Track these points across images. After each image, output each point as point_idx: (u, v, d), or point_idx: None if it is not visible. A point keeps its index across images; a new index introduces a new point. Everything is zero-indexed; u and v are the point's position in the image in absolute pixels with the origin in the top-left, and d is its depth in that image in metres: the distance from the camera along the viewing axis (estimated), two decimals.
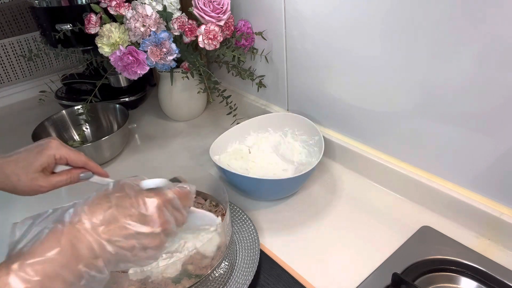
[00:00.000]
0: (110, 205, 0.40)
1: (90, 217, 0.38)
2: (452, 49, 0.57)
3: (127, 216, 0.40)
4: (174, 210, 0.44)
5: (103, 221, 0.39)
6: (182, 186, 0.46)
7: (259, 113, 0.91)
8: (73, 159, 0.54)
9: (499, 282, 0.56)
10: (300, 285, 0.59)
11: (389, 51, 0.65)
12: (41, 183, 0.52)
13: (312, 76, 0.83)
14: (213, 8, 0.83)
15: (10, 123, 1.15)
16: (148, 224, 0.41)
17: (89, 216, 0.39)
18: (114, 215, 0.39)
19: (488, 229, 0.63)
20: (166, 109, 1.07)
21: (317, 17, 0.75)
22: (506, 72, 0.53)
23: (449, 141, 0.64)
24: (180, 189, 0.46)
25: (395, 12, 0.62)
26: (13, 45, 1.20)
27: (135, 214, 0.40)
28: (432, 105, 0.63)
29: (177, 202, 0.44)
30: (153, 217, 0.41)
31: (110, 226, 0.39)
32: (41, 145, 0.53)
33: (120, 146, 0.94)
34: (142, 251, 0.40)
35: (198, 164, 0.90)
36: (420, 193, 0.71)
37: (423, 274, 0.58)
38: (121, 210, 0.40)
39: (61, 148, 0.54)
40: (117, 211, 0.40)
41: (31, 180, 0.51)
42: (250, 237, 0.65)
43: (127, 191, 0.42)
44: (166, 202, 0.43)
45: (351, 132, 0.81)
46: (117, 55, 0.81)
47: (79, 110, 0.97)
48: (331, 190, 0.78)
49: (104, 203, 0.40)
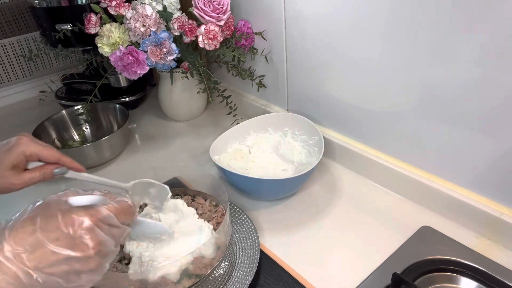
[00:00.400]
0: (34, 229, 0.35)
1: (12, 244, 0.34)
2: (452, 49, 0.57)
3: (53, 240, 0.35)
4: (112, 227, 0.39)
5: (27, 247, 0.34)
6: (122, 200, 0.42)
7: (259, 113, 0.91)
8: (45, 155, 0.52)
9: (499, 282, 0.56)
10: (300, 285, 0.59)
11: (389, 51, 0.65)
12: (12, 180, 0.50)
13: (312, 76, 0.83)
14: (213, 8, 0.83)
15: (10, 123, 1.15)
16: (78, 248, 0.36)
17: (10, 243, 0.34)
18: (39, 240, 0.35)
19: (488, 229, 0.63)
20: (166, 109, 1.07)
21: (317, 17, 0.75)
22: (506, 72, 0.53)
23: (449, 141, 0.64)
24: (118, 204, 0.41)
25: (395, 12, 0.62)
26: (13, 45, 1.20)
27: (63, 237, 0.36)
28: (432, 105, 0.63)
29: (113, 220, 0.40)
30: (83, 240, 0.36)
31: (35, 253, 0.34)
32: (10, 142, 0.51)
33: (120, 146, 0.94)
34: (75, 276, 0.36)
35: (198, 164, 0.90)
36: (420, 193, 0.71)
37: (423, 274, 0.58)
38: (46, 233, 0.35)
39: (31, 145, 0.51)
40: (43, 235, 0.35)
41: (2, 178, 0.49)
42: (250, 237, 0.65)
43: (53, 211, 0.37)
44: (99, 221, 0.38)
45: (351, 132, 0.81)
46: (117, 55, 0.81)
47: (79, 110, 0.97)
48: (331, 190, 0.78)
49: (28, 226, 0.36)
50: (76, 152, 0.87)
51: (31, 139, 0.52)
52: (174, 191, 0.70)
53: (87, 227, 0.37)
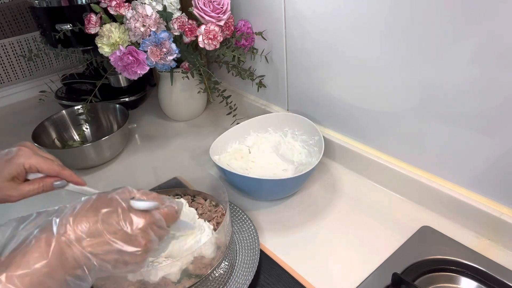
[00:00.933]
0: (96, 219, 0.40)
1: (75, 229, 0.39)
2: (452, 49, 0.57)
3: (112, 233, 0.40)
4: (159, 229, 0.44)
5: (88, 234, 0.39)
6: (171, 206, 0.46)
7: (259, 113, 0.91)
8: (44, 168, 0.52)
9: (499, 282, 0.56)
10: (300, 285, 0.59)
11: (389, 51, 0.65)
12: (10, 192, 0.51)
13: (312, 76, 0.83)
14: (213, 8, 0.83)
15: (10, 123, 1.15)
16: (131, 244, 0.41)
17: (74, 228, 0.39)
18: (99, 230, 0.39)
19: (488, 229, 0.63)
20: (166, 109, 1.07)
21: (317, 17, 0.75)
22: (506, 72, 0.53)
23: (449, 141, 0.64)
24: (168, 209, 0.45)
25: (395, 12, 0.62)
26: (13, 45, 1.20)
27: (120, 232, 0.40)
28: (432, 105, 0.63)
29: (163, 223, 0.44)
30: (137, 238, 0.41)
31: (94, 240, 0.39)
32: (11, 152, 0.52)
33: (120, 146, 0.94)
34: (123, 265, 0.41)
35: (198, 164, 0.90)
36: (420, 193, 0.71)
37: (423, 274, 0.58)
38: (106, 226, 0.40)
39: (32, 157, 0.52)
40: (103, 226, 0.40)
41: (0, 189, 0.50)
42: (250, 237, 0.65)
43: (115, 207, 0.41)
44: (152, 224, 0.43)
45: (351, 132, 0.81)
46: (117, 55, 0.81)
47: (79, 110, 0.96)
48: (331, 190, 0.78)
49: (91, 216, 0.40)
50: (76, 152, 0.88)
51: (32, 151, 0.53)
52: (174, 191, 0.70)
53: (142, 227, 0.41)
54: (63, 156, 0.79)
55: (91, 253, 0.39)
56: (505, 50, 0.52)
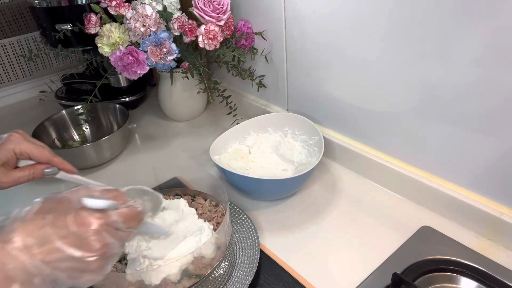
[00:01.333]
0: (44, 223, 0.36)
1: (23, 236, 0.35)
2: (452, 49, 0.57)
3: (61, 237, 0.36)
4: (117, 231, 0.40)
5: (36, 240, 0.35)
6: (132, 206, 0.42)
7: (259, 113, 0.91)
8: (35, 154, 0.51)
9: (499, 282, 0.56)
10: (300, 285, 0.59)
11: (389, 51, 0.65)
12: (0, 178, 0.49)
13: (312, 76, 0.83)
14: (213, 8, 0.83)
15: (10, 123, 1.15)
16: (84, 248, 0.37)
17: (22, 234, 0.35)
18: (47, 235, 0.36)
19: (488, 229, 0.63)
20: (166, 109, 1.07)
21: (317, 17, 0.75)
22: (506, 72, 0.53)
23: (449, 141, 0.64)
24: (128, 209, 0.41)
25: (395, 12, 0.62)
26: (13, 45, 1.20)
27: (71, 236, 0.36)
28: (432, 105, 0.63)
29: (120, 224, 0.40)
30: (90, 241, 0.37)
31: (43, 247, 0.35)
32: (1, 138, 0.50)
33: (120, 146, 0.94)
34: (79, 273, 0.37)
35: (198, 164, 0.90)
36: (420, 193, 0.71)
37: (423, 274, 0.58)
38: (55, 229, 0.36)
39: (23, 143, 0.50)
40: (52, 230, 0.36)
41: None
42: (250, 237, 0.65)
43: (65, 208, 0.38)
44: (107, 225, 0.38)
45: (351, 132, 0.81)
46: (117, 55, 0.81)
47: (79, 110, 0.97)
48: (331, 190, 0.78)
49: (38, 220, 0.36)
50: (76, 152, 0.88)
51: (23, 137, 0.51)
52: (174, 191, 0.70)
53: (96, 229, 0.37)
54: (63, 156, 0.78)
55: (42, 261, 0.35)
56: (505, 50, 0.52)
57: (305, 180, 0.77)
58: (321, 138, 0.77)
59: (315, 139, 0.80)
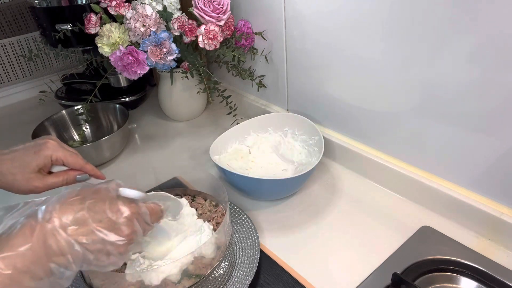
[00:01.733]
0: (82, 207, 0.40)
1: (60, 216, 0.39)
2: (452, 49, 0.57)
3: (97, 221, 0.40)
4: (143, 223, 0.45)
5: (73, 221, 0.39)
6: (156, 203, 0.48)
7: (259, 113, 0.91)
8: (70, 162, 0.54)
9: (499, 282, 0.56)
10: (300, 285, 0.59)
11: (389, 51, 0.65)
12: (36, 183, 0.52)
13: (312, 76, 0.83)
14: (213, 8, 0.83)
15: (10, 123, 1.15)
16: (116, 232, 0.41)
17: (59, 215, 0.39)
18: (84, 218, 0.40)
19: (488, 229, 0.63)
20: (166, 109, 1.07)
21: (317, 17, 0.75)
22: (506, 72, 0.53)
23: (449, 141, 0.64)
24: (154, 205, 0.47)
25: (395, 12, 0.62)
26: (13, 45, 1.20)
27: (106, 220, 0.41)
28: (432, 105, 0.63)
29: (147, 217, 0.45)
30: (122, 227, 0.42)
31: (79, 228, 0.39)
32: (38, 144, 0.53)
33: (120, 146, 0.94)
34: (105, 256, 0.41)
35: (198, 164, 0.90)
36: (420, 193, 0.71)
37: (423, 274, 0.58)
38: (92, 214, 0.40)
39: (59, 150, 0.54)
40: (88, 214, 0.40)
41: (27, 180, 0.51)
42: (250, 237, 0.65)
43: (102, 196, 0.42)
44: (137, 215, 0.43)
45: (351, 132, 0.81)
46: (117, 55, 0.81)
47: (79, 110, 0.97)
48: (331, 190, 0.78)
49: (77, 204, 0.40)
50: None
51: (58, 144, 0.55)
52: (174, 191, 0.70)
53: (128, 216, 0.42)
54: None
55: (75, 241, 0.39)
56: (505, 50, 0.52)
57: (305, 180, 0.77)
58: (321, 138, 0.77)
59: (315, 139, 0.80)
